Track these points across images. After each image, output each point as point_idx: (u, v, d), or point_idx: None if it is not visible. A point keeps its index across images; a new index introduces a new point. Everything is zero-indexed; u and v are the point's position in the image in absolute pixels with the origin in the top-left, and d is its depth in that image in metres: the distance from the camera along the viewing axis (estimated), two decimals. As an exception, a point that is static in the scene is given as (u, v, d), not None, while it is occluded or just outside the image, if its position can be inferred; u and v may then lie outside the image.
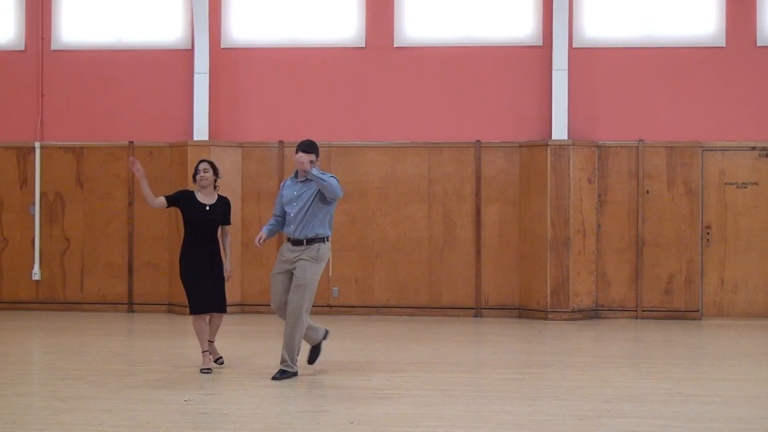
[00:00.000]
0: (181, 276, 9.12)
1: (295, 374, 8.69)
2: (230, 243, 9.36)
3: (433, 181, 13.79)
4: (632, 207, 13.50)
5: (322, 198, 8.69)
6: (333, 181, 8.65)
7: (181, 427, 6.82)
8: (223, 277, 9.14)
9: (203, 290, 9.00)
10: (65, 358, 9.90)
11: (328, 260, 9.00)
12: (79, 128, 14.26)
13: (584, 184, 13.38)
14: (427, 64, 13.95)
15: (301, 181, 8.76)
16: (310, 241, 8.67)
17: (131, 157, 9.50)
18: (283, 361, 8.69)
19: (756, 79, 13.60)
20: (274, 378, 8.60)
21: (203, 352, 9.06)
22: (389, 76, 13.98)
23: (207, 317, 9.10)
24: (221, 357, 9.29)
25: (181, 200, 9.10)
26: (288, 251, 8.74)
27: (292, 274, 8.69)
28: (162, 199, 9.08)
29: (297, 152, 8.69)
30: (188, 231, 9.07)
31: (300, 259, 8.66)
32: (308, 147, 8.72)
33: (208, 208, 9.05)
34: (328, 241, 8.80)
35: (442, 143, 13.80)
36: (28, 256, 14.22)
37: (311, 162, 8.66)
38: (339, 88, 14.04)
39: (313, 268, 8.66)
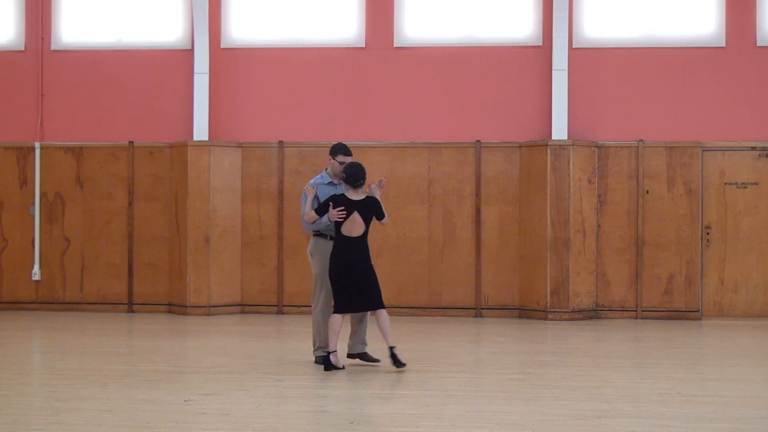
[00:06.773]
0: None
1: (323, 359, 9.17)
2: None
3: (433, 181, 13.79)
4: (632, 207, 13.49)
5: None
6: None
7: (181, 427, 6.81)
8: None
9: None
10: (65, 358, 9.90)
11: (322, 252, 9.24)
12: (79, 128, 14.25)
13: (584, 184, 13.38)
14: (427, 64, 13.94)
15: (336, 184, 9.27)
16: None
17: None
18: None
19: (756, 79, 13.59)
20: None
21: (335, 352, 9.07)
22: (389, 76, 13.98)
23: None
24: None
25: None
26: None
27: None
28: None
29: (345, 155, 9.20)
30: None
31: None
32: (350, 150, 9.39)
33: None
34: (315, 235, 9.32)
35: (442, 143, 13.80)
36: (28, 256, 14.21)
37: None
38: (339, 88, 14.03)
39: (312, 263, 9.42)
